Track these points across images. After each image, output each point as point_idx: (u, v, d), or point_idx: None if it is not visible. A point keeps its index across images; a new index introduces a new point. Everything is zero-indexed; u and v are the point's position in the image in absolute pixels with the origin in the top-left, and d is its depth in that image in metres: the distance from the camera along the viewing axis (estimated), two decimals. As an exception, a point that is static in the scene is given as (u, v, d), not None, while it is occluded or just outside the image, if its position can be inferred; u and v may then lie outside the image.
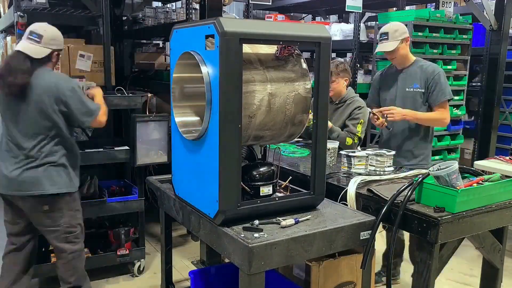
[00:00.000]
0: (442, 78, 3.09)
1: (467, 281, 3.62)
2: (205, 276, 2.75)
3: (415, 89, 3.15)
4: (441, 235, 2.01)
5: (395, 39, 3.08)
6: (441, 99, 3.08)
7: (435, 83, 3.08)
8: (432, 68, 3.14)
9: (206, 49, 1.92)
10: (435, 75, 3.09)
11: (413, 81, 3.16)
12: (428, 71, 3.11)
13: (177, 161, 2.35)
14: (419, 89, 3.13)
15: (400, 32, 3.09)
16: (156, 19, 5.04)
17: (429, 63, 3.21)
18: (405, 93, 3.17)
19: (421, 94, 3.13)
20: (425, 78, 3.11)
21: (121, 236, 3.52)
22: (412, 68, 3.18)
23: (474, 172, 2.43)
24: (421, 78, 3.13)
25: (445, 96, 3.08)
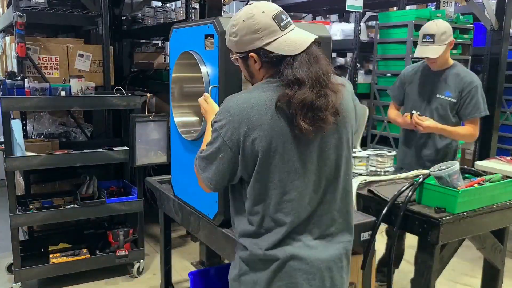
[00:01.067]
0: (479, 92, 2.83)
1: (468, 282, 3.60)
2: (205, 277, 2.73)
3: (446, 97, 2.88)
4: (442, 236, 2.00)
5: (441, 43, 2.77)
6: (476, 115, 2.84)
7: (471, 96, 2.81)
8: (470, 78, 2.85)
9: (206, 48, 1.91)
10: (472, 88, 2.81)
11: (445, 88, 2.88)
12: (465, 81, 2.84)
13: (176, 162, 2.34)
14: (451, 98, 2.86)
15: (448, 35, 2.79)
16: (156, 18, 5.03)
17: (468, 71, 2.95)
18: (435, 99, 2.91)
19: (453, 104, 2.86)
20: (460, 88, 2.84)
21: (120, 236, 3.50)
22: (448, 72, 2.90)
23: (475, 173, 2.42)
24: (456, 87, 2.85)
25: (480, 113, 2.84)
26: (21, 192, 3.89)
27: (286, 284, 1.49)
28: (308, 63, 1.42)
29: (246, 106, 1.41)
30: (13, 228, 3.16)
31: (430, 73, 2.98)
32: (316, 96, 1.39)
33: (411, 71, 3.12)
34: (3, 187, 3.36)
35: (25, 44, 3.24)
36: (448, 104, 2.88)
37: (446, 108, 2.88)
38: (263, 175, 1.45)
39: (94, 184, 3.55)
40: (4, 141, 3.10)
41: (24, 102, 3.09)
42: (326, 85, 1.43)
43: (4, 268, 3.55)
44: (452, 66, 2.93)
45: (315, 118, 1.39)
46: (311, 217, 1.52)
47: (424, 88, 2.98)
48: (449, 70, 2.91)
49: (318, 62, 1.44)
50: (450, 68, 2.92)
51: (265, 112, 1.40)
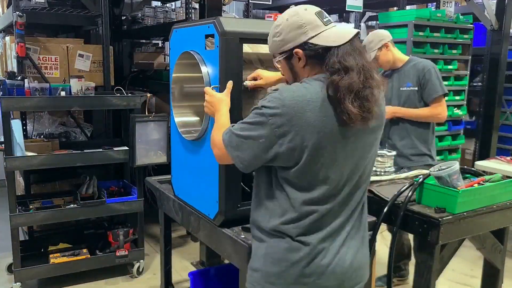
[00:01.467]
0: (433, 74, 3.07)
1: (468, 282, 3.61)
2: (205, 277, 2.73)
3: (408, 88, 3.15)
4: (442, 236, 2.00)
5: (371, 50, 3.10)
6: (433, 95, 3.06)
7: (426, 80, 3.07)
8: (423, 65, 3.12)
9: (206, 48, 1.91)
10: (425, 72, 3.07)
11: (406, 80, 3.16)
12: (418, 69, 3.11)
13: (177, 162, 2.34)
14: (412, 87, 3.13)
15: (375, 42, 3.12)
16: (156, 18, 5.03)
17: (421, 60, 3.20)
18: (400, 92, 3.17)
19: (415, 92, 3.12)
20: (416, 76, 3.11)
21: (120, 236, 3.50)
22: (405, 67, 3.18)
23: (475, 173, 2.42)
24: (413, 76, 3.12)
25: (437, 92, 3.06)
26: (21, 192, 3.89)
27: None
28: (353, 53, 1.44)
29: (301, 100, 1.41)
30: (13, 228, 3.16)
31: (392, 72, 3.26)
32: (363, 85, 1.41)
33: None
34: (3, 187, 3.36)
35: (25, 44, 3.24)
36: (412, 93, 3.13)
37: (411, 98, 3.14)
38: (306, 168, 1.46)
39: (94, 184, 3.55)
40: (4, 141, 3.10)
41: (24, 102, 3.09)
42: (372, 77, 1.45)
43: (4, 268, 3.55)
44: (408, 61, 3.22)
45: (361, 106, 1.41)
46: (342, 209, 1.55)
47: (390, 85, 3.23)
48: (405, 65, 3.19)
49: (362, 55, 1.47)
50: (406, 63, 3.20)
51: (319, 109, 1.41)
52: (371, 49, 3.12)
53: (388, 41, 3.14)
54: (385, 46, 3.13)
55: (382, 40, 3.13)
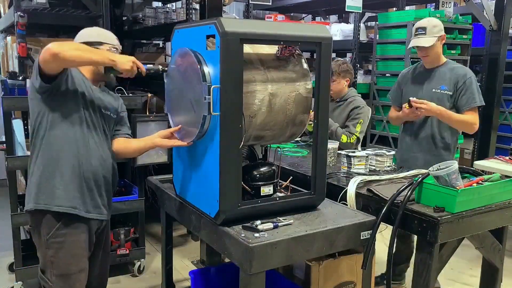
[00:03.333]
0: (474, 82, 2.95)
1: (467, 281, 3.62)
2: (205, 276, 2.75)
3: (442, 90, 2.99)
4: (441, 235, 2.01)
5: (433, 35, 2.93)
6: (472, 105, 2.93)
7: (465, 87, 2.93)
8: (464, 71, 3.00)
9: (207, 49, 1.93)
10: (466, 79, 2.94)
11: (441, 82, 3.01)
12: (459, 74, 2.97)
13: (178, 161, 2.36)
14: (447, 91, 2.97)
15: (439, 29, 2.96)
16: (156, 19, 5.04)
17: (460, 65, 3.08)
18: (431, 94, 3.01)
19: (449, 96, 2.97)
20: (455, 81, 2.96)
21: (121, 236, 3.52)
22: (442, 69, 3.04)
23: (474, 172, 2.43)
24: (450, 80, 2.98)
25: (475, 102, 2.93)
26: (22, 191, 3.90)
27: None
28: None
29: None
30: (14, 227, 3.17)
31: (424, 71, 3.12)
32: None
33: (407, 72, 3.26)
34: (4, 187, 3.37)
35: (26, 44, 3.25)
36: (445, 97, 2.99)
37: (443, 101, 2.98)
38: None
39: (95, 183, 3.56)
40: (6, 140, 3.11)
41: (25, 102, 3.08)
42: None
43: (6, 267, 3.56)
44: (445, 63, 3.09)
45: None
46: None
47: (420, 86, 3.10)
48: (442, 67, 3.07)
49: None
50: (443, 65, 3.07)
51: None
52: (433, 34, 2.94)
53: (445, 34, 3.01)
54: (443, 38, 3.00)
55: (443, 30, 2.99)
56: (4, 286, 3.39)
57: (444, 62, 3.08)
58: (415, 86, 3.13)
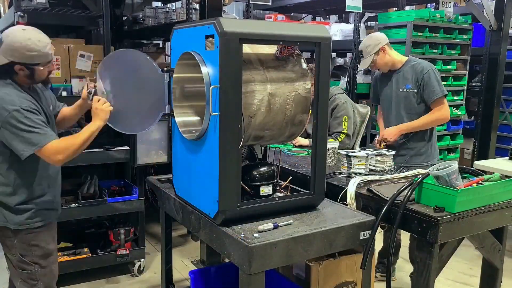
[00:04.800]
0: (432, 75, 3.09)
1: (467, 281, 3.62)
2: (205, 275, 2.75)
3: (407, 89, 3.17)
4: (441, 235, 2.01)
5: (368, 55, 3.16)
6: (433, 97, 3.08)
7: (425, 82, 3.09)
8: (421, 66, 3.13)
9: (206, 49, 1.93)
10: (424, 74, 3.10)
11: (405, 82, 3.17)
12: (417, 71, 3.12)
13: (178, 161, 2.36)
14: (412, 89, 3.15)
15: (372, 46, 3.16)
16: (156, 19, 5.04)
17: (421, 61, 3.21)
18: (399, 93, 3.20)
19: (414, 94, 3.14)
20: (415, 78, 3.13)
21: (121, 236, 3.52)
22: (404, 68, 3.20)
23: (474, 172, 2.43)
24: (412, 78, 3.14)
25: (436, 94, 3.08)
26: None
27: None
28: None
29: None
30: (14, 227, 3.17)
31: (391, 73, 3.27)
32: None
33: (378, 74, 3.43)
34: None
35: (26, 45, 3.24)
36: (411, 95, 3.16)
37: (410, 99, 3.16)
38: None
39: (95, 183, 3.56)
40: (6, 141, 3.11)
41: (25, 102, 3.09)
42: None
43: (6, 267, 3.56)
44: (406, 62, 3.22)
45: None
46: None
47: (389, 87, 3.27)
48: (404, 66, 3.20)
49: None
50: (405, 64, 3.21)
51: None
52: (368, 53, 3.16)
53: (384, 44, 3.16)
54: (382, 50, 3.16)
55: (378, 43, 3.16)
56: (4, 286, 3.39)
57: (405, 61, 3.22)
58: (387, 88, 3.30)
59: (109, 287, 3.51)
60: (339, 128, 3.52)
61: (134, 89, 2.26)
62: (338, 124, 3.52)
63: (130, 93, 2.29)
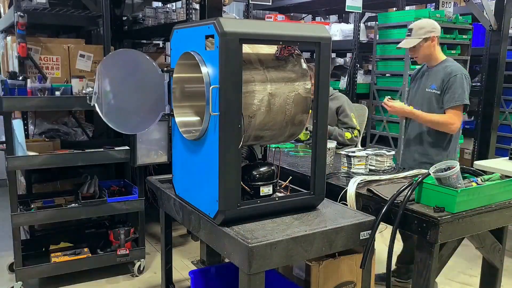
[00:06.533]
0: (458, 81, 2.89)
1: (466, 281, 3.62)
2: (205, 276, 2.75)
3: (431, 90, 3.01)
4: (441, 235, 2.01)
5: (417, 36, 2.97)
6: (451, 104, 2.90)
7: (449, 86, 2.91)
8: (451, 69, 2.95)
9: (206, 49, 1.92)
10: (451, 77, 2.91)
11: (432, 81, 3.01)
12: (446, 72, 2.95)
13: (178, 161, 2.36)
14: (435, 90, 2.98)
15: (426, 30, 2.96)
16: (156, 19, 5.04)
17: (455, 64, 3.03)
18: (424, 93, 3.05)
19: (437, 96, 2.97)
20: (442, 79, 2.95)
21: (121, 236, 3.52)
22: (436, 68, 3.04)
23: (474, 172, 2.43)
24: (439, 79, 2.97)
25: (454, 102, 2.89)
26: (22, 191, 3.90)
27: None
28: None
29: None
30: (14, 227, 3.17)
31: (426, 70, 3.15)
32: None
33: (415, 71, 3.32)
34: (5, 187, 3.37)
35: (26, 44, 3.25)
36: (434, 96, 3.01)
37: (432, 100, 3.01)
38: None
39: (95, 183, 3.56)
40: (6, 140, 3.11)
41: (25, 102, 3.10)
42: None
43: (6, 267, 3.56)
44: (442, 61, 3.07)
45: None
46: None
47: (418, 85, 3.16)
48: (438, 65, 3.06)
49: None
50: (440, 64, 3.06)
51: None
52: (418, 35, 2.97)
53: (437, 35, 3.00)
54: (432, 39, 2.98)
55: (433, 31, 2.99)
56: (4, 286, 3.39)
57: (441, 61, 3.07)
58: (417, 85, 3.19)
59: (109, 287, 3.50)
60: (352, 123, 3.56)
61: (134, 89, 2.26)
62: (350, 120, 3.57)
63: (130, 93, 2.29)
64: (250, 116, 1.95)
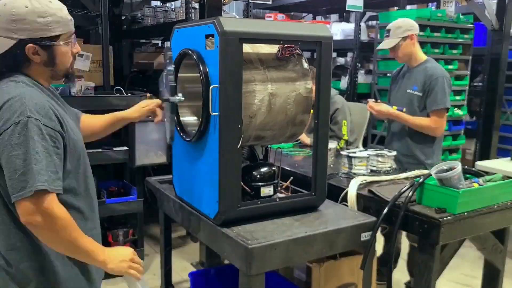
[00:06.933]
0: (440, 83, 2.88)
1: (468, 282, 3.60)
2: (205, 277, 2.73)
3: (413, 91, 2.99)
4: (442, 236, 1.99)
5: (396, 36, 2.95)
6: (433, 107, 2.90)
7: (431, 88, 2.90)
8: (432, 71, 2.94)
9: (206, 48, 1.91)
10: (432, 80, 2.90)
11: (413, 82, 3.01)
12: (428, 75, 2.93)
13: (177, 162, 2.34)
14: (417, 92, 2.97)
15: (404, 29, 2.95)
16: (155, 18, 5.02)
17: (436, 65, 3.02)
18: (405, 94, 3.05)
19: (419, 97, 2.96)
20: (423, 81, 2.94)
21: (120, 237, 3.50)
22: (417, 68, 3.03)
23: (475, 173, 2.41)
24: (421, 80, 2.96)
25: (437, 105, 2.89)
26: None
27: None
28: None
29: None
30: (12, 228, 3.15)
31: (406, 70, 3.13)
32: None
33: (395, 72, 3.31)
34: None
35: (25, 44, 3.23)
36: (415, 98, 2.99)
37: (413, 102, 3.00)
38: None
39: (94, 184, 3.54)
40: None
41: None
42: None
43: (4, 268, 3.54)
44: (424, 62, 3.05)
45: None
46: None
47: (400, 85, 3.14)
48: (419, 66, 3.04)
49: None
50: (421, 64, 3.04)
51: None
52: (397, 35, 2.95)
53: (415, 33, 2.99)
54: (411, 37, 2.96)
55: (411, 29, 2.97)
56: (3, 287, 3.38)
57: (423, 61, 3.05)
58: (398, 86, 3.18)
59: (108, 288, 3.49)
60: (339, 133, 3.47)
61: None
62: (338, 129, 3.47)
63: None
64: (251, 116, 1.93)
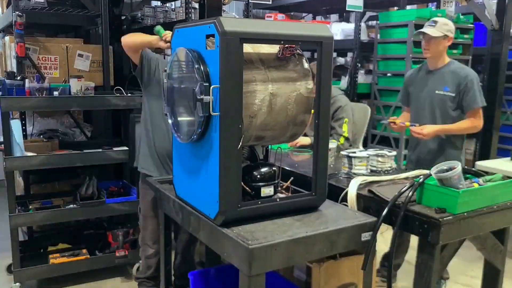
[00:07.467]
0: (475, 83, 3.03)
1: (468, 282, 3.60)
2: (205, 277, 2.73)
3: (445, 92, 3.08)
4: (442, 236, 1.99)
5: (440, 30, 3.03)
6: (473, 106, 3.03)
7: (468, 89, 3.02)
8: (465, 72, 3.06)
9: (207, 48, 1.91)
10: (468, 80, 3.02)
11: (443, 83, 3.09)
12: (461, 76, 3.05)
13: (178, 162, 2.34)
14: (450, 93, 3.07)
15: (448, 29, 3.06)
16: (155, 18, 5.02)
17: (463, 66, 3.15)
18: (434, 95, 3.11)
19: (452, 98, 3.07)
20: (457, 82, 3.04)
21: (120, 237, 3.50)
22: (444, 70, 3.12)
23: (475, 173, 2.41)
24: (453, 81, 3.06)
25: (477, 104, 3.03)
26: (20, 192, 3.89)
27: None
28: None
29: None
30: (12, 228, 3.16)
31: (428, 72, 3.19)
32: None
33: (412, 73, 3.35)
34: (3, 187, 3.35)
35: (24, 44, 3.24)
36: (448, 99, 3.08)
37: (446, 103, 3.08)
38: None
39: (93, 184, 3.54)
40: (4, 141, 3.10)
41: (24, 102, 3.08)
42: None
43: (4, 268, 3.55)
44: (448, 64, 3.15)
45: None
46: None
47: (425, 86, 3.18)
48: (445, 67, 3.13)
49: None
50: (446, 66, 3.14)
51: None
52: (442, 29, 3.04)
53: (451, 38, 3.10)
54: (449, 39, 3.08)
55: (452, 33, 3.09)
56: (3, 287, 3.38)
57: (447, 63, 3.14)
58: (421, 87, 3.22)
59: (108, 288, 3.49)
60: (339, 130, 3.48)
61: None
62: (339, 126, 3.49)
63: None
64: (251, 116, 1.93)
